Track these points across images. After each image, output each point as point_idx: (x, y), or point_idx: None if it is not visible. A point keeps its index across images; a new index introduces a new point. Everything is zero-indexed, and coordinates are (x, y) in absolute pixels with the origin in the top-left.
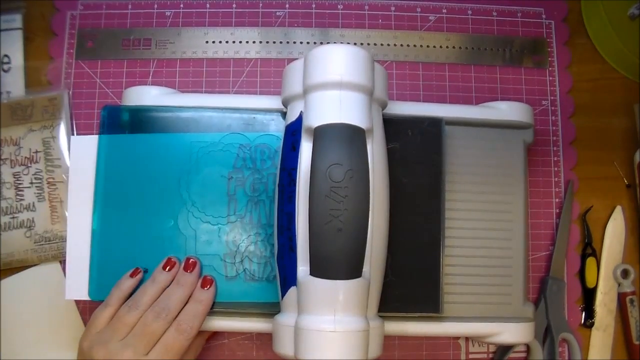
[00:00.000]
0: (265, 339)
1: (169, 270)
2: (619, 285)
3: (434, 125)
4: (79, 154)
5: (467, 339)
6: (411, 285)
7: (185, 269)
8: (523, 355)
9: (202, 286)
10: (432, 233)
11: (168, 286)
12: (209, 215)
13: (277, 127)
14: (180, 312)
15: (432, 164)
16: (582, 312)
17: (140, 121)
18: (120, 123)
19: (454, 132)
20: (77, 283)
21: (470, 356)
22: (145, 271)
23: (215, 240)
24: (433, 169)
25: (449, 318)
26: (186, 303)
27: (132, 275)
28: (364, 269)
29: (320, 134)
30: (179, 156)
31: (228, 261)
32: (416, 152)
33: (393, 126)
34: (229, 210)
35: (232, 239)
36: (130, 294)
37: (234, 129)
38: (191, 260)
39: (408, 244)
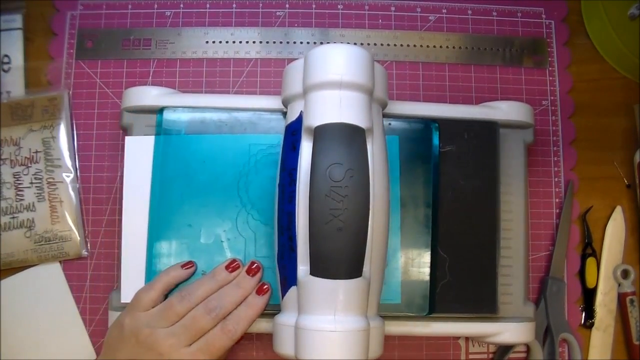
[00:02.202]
0: (265, 340)
1: (231, 271)
2: (619, 285)
3: (490, 128)
4: (134, 154)
5: (467, 339)
6: (468, 286)
7: (248, 272)
8: (523, 355)
9: (258, 293)
10: (488, 234)
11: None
12: (268, 217)
13: None
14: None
15: (487, 166)
16: (582, 312)
17: (196, 122)
18: (177, 124)
19: None
20: (133, 286)
21: (470, 356)
22: (203, 273)
23: (274, 243)
24: (488, 171)
25: (449, 318)
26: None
27: (183, 267)
28: (364, 269)
29: (321, 133)
30: (237, 158)
31: None
32: (472, 154)
33: (449, 129)
34: None
35: None
36: (176, 285)
37: None
38: (255, 265)
39: (464, 245)
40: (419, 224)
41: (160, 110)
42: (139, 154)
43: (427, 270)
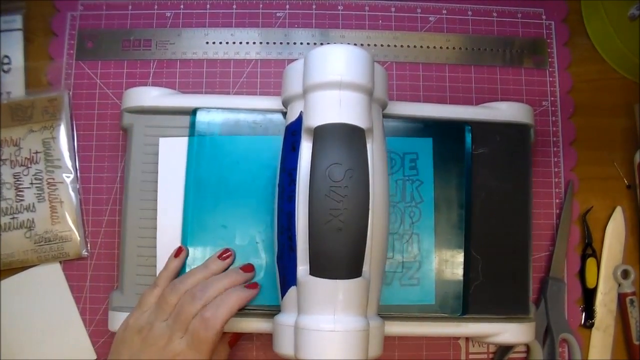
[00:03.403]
0: (265, 340)
1: (223, 260)
2: (619, 285)
3: (522, 131)
4: (167, 156)
5: (467, 339)
6: (501, 287)
7: (241, 269)
8: (523, 355)
9: (247, 286)
10: (520, 236)
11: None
12: None
13: None
14: None
15: (519, 168)
16: (582, 312)
17: (230, 123)
18: (210, 125)
19: None
20: None
21: (470, 356)
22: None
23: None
24: (520, 173)
25: (449, 318)
26: None
27: (176, 256)
28: (363, 269)
29: (320, 133)
30: (271, 159)
31: None
32: (504, 156)
33: (481, 131)
34: None
35: None
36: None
37: None
38: (250, 266)
39: (497, 247)
40: (452, 226)
41: (193, 112)
42: (172, 155)
43: (460, 271)
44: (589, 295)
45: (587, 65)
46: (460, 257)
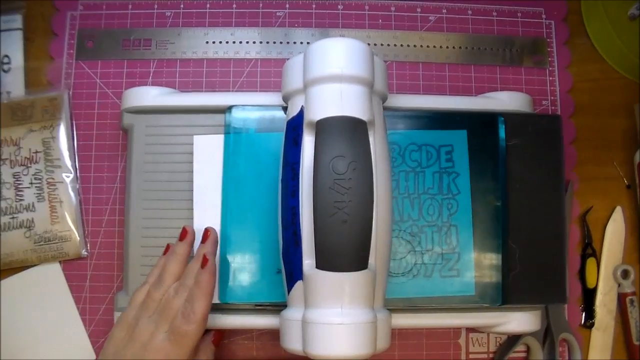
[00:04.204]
0: (265, 339)
1: (185, 239)
2: (619, 285)
3: (553, 122)
4: (202, 153)
5: (467, 338)
6: (538, 276)
7: (202, 240)
8: (523, 355)
9: (201, 266)
10: (555, 225)
11: (190, 259)
12: None
13: (404, 125)
14: None
15: (551, 158)
16: (582, 312)
17: (266, 120)
18: (246, 122)
19: None
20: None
21: (471, 356)
22: (278, 272)
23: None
24: (553, 163)
25: (455, 309)
26: None
27: (181, 239)
28: (369, 261)
29: (322, 127)
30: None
31: None
32: (536, 148)
33: (513, 123)
34: None
35: None
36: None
37: None
38: (208, 232)
39: (533, 237)
40: (489, 216)
41: (228, 109)
42: (207, 152)
43: (498, 261)
44: (589, 295)
45: (587, 65)
46: (497, 248)
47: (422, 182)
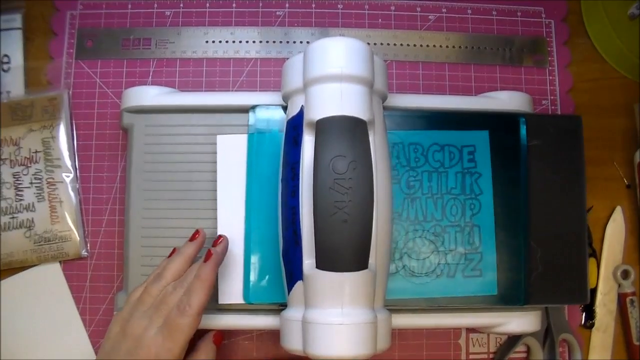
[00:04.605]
0: (265, 339)
1: (195, 240)
2: (619, 285)
3: (574, 123)
4: (226, 153)
5: (467, 338)
6: (559, 276)
7: (213, 244)
8: (523, 355)
9: (204, 260)
10: (576, 225)
11: (195, 260)
12: None
13: (425, 125)
14: None
15: (572, 159)
16: (583, 312)
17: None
18: (270, 122)
19: None
20: (231, 287)
21: (471, 356)
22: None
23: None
24: (573, 164)
25: (455, 309)
26: None
27: (192, 239)
28: (369, 261)
29: (322, 126)
30: None
31: None
32: (557, 148)
33: (534, 124)
34: None
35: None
36: None
37: (388, 127)
38: (220, 238)
39: (554, 237)
40: (511, 217)
41: (252, 108)
42: (231, 152)
43: (520, 261)
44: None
45: (587, 64)
46: (519, 248)
47: (445, 182)
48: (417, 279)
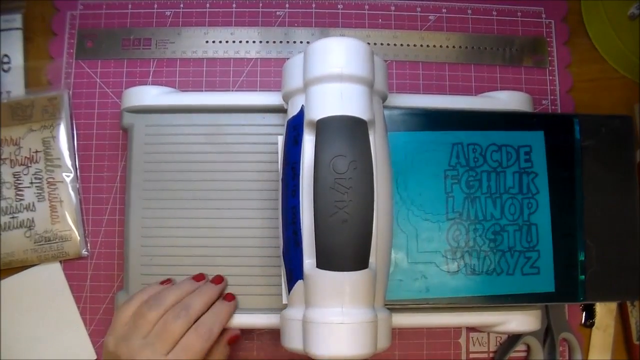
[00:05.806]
0: (266, 339)
1: (198, 281)
2: None
3: (625, 122)
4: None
5: (467, 338)
6: (613, 273)
7: (212, 281)
8: (523, 355)
9: (226, 299)
10: (629, 223)
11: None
12: (428, 213)
13: (483, 125)
14: (200, 317)
15: (624, 159)
16: (583, 312)
17: None
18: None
19: None
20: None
21: (471, 356)
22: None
23: (435, 237)
24: (625, 163)
25: (456, 309)
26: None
27: (162, 283)
28: (370, 260)
29: (323, 126)
30: (393, 155)
31: (449, 257)
32: (609, 148)
33: (587, 124)
34: (447, 208)
35: (452, 235)
36: None
37: (447, 127)
38: (217, 275)
39: (608, 235)
40: (567, 215)
41: None
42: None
43: (577, 259)
44: None
45: (587, 64)
46: (575, 246)
47: (504, 182)
48: (478, 277)
